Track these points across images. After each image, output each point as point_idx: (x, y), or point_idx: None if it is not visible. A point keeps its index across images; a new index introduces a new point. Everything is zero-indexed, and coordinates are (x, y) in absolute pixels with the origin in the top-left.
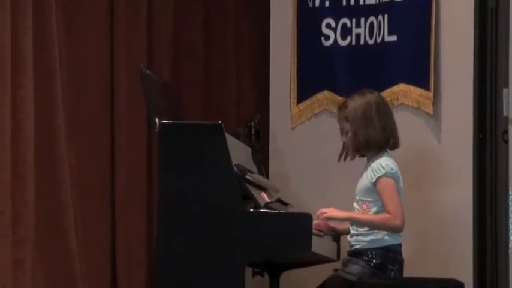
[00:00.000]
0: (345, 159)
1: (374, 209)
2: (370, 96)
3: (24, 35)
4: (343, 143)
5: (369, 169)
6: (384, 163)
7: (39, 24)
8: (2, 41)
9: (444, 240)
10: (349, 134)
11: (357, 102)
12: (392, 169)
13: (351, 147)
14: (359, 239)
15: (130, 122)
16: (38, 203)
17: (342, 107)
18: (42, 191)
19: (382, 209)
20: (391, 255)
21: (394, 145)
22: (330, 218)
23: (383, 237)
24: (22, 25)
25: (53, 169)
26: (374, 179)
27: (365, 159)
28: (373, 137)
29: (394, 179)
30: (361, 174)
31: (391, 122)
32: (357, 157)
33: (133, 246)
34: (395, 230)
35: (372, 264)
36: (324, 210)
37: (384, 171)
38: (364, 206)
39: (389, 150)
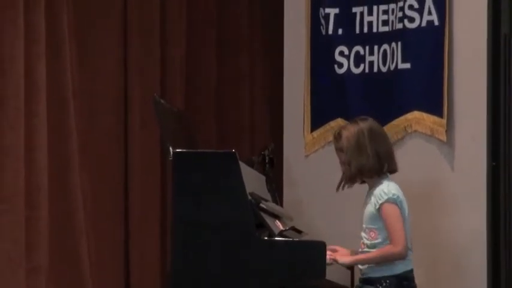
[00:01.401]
0: (343, 188)
1: (382, 235)
2: (363, 124)
3: (38, 63)
4: (343, 173)
5: (372, 197)
6: (386, 189)
7: (52, 53)
8: (16, 69)
9: (457, 269)
10: (345, 164)
11: (349, 131)
12: (394, 194)
13: (346, 177)
14: (372, 266)
15: (143, 150)
16: (51, 231)
17: (337, 137)
18: (55, 219)
19: None
20: (404, 284)
21: (391, 170)
22: (336, 262)
23: (395, 265)
24: (36, 53)
25: (66, 197)
26: (378, 206)
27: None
28: (366, 166)
29: (397, 204)
30: (365, 202)
31: (385, 147)
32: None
33: (147, 273)
34: (398, 258)
35: None
36: (331, 251)
37: (386, 197)
38: (372, 234)
39: (389, 175)
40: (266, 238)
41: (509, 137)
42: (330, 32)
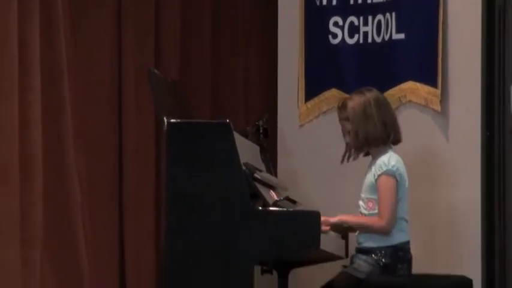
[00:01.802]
0: (348, 160)
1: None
2: (369, 94)
3: (32, 38)
4: (347, 144)
5: (373, 167)
6: (387, 160)
7: (46, 27)
8: (10, 43)
9: (452, 238)
10: (351, 133)
11: (355, 101)
12: (393, 166)
13: (353, 147)
14: (368, 236)
15: (138, 123)
16: (46, 203)
17: (341, 107)
18: (50, 192)
19: None
20: (400, 254)
21: (396, 140)
22: (326, 224)
23: (392, 236)
24: (29, 28)
25: (61, 170)
26: (376, 176)
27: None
28: (373, 134)
29: (395, 176)
30: (366, 172)
31: (391, 117)
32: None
33: (142, 246)
34: (381, 231)
35: (382, 264)
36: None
37: (385, 169)
38: (370, 204)
39: (393, 146)
40: (260, 208)
41: (503, 107)
42: (324, 2)
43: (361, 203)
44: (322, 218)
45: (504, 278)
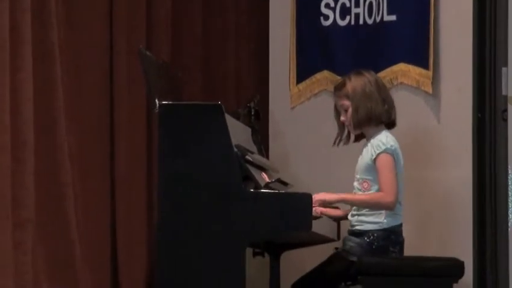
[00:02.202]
0: (338, 144)
1: (375, 187)
2: (368, 75)
3: (23, 16)
4: (339, 126)
5: (369, 146)
6: (385, 140)
7: (38, 6)
8: (1, 22)
9: (444, 219)
10: (350, 110)
11: (356, 80)
12: (392, 145)
13: (351, 123)
14: (360, 219)
15: (129, 104)
16: (38, 185)
17: (340, 85)
18: (42, 173)
19: None
20: (392, 237)
21: (393, 121)
22: (323, 202)
23: (384, 219)
24: (21, 7)
25: (52, 151)
26: (374, 156)
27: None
28: (376, 110)
29: (393, 155)
30: (362, 152)
31: (390, 97)
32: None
33: (134, 228)
34: (387, 207)
35: (374, 247)
36: (316, 195)
37: (383, 147)
38: (365, 185)
39: (387, 129)
40: (252, 190)
41: (495, 89)
42: None
43: (355, 184)
44: (320, 197)
45: (496, 261)
